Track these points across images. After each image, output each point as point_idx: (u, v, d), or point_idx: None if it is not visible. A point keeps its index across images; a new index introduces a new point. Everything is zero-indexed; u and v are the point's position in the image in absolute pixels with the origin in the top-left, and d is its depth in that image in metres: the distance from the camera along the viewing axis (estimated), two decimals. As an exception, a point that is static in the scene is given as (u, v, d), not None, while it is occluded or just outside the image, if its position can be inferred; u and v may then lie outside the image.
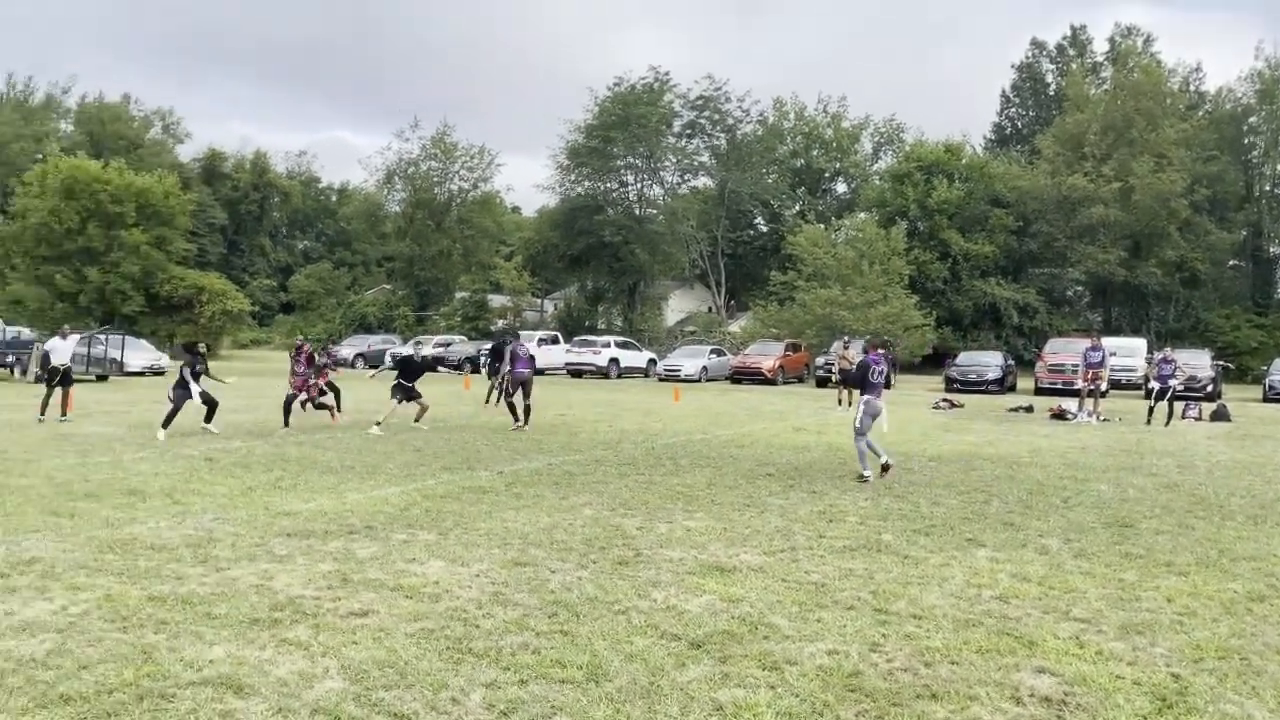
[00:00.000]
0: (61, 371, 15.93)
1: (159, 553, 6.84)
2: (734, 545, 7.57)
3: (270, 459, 11.97)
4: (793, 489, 10.47)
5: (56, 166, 44.49)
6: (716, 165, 54.60)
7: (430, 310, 57.81)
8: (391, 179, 58.85)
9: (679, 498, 9.72)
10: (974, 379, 31.25)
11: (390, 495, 9.55)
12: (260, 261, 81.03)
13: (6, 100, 77.30)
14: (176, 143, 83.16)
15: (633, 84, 50.84)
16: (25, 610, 5.41)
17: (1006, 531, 8.35)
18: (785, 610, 5.81)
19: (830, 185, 63.41)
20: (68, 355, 15.84)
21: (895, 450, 14.19)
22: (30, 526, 7.66)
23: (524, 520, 8.38)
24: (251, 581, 6.14)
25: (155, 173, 49.18)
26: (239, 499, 9.15)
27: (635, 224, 50.72)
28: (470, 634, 5.21)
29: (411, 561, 6.80)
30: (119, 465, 11.18)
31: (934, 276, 46.66)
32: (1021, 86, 63.23)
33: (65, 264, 43.32)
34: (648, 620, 5.53)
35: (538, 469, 11.65)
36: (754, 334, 43.59)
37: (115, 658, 4.69)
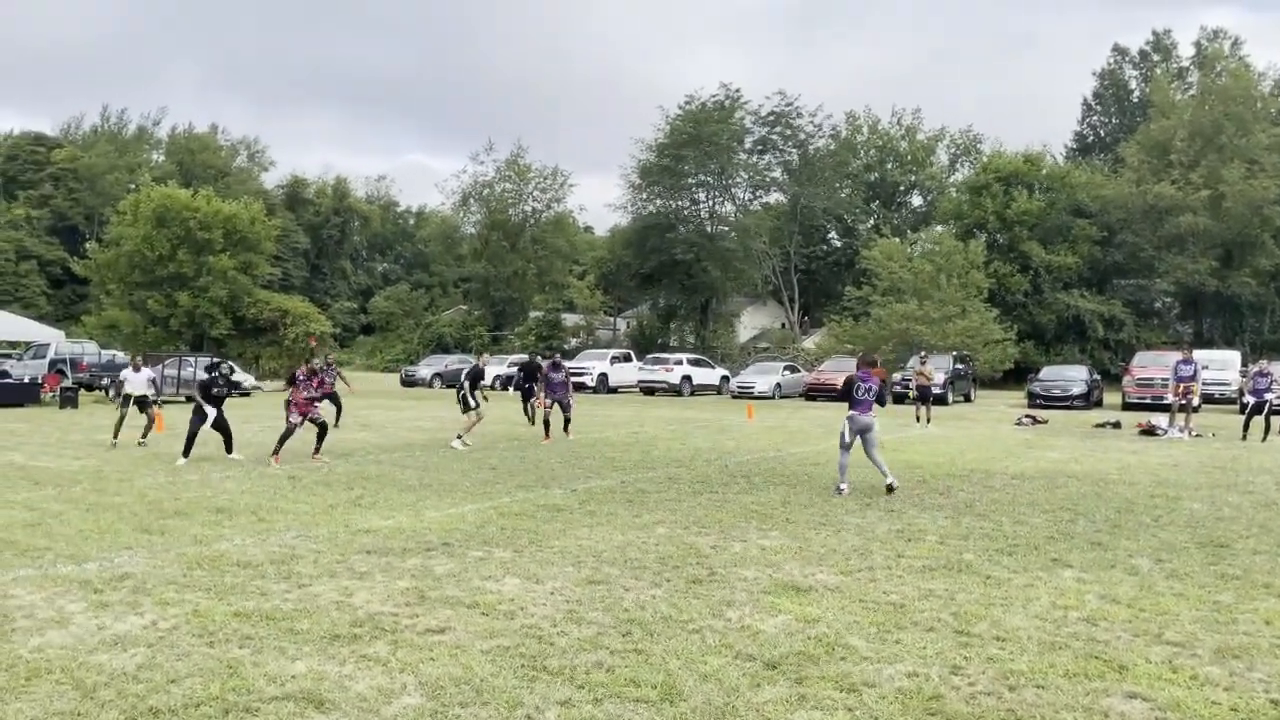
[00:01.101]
0: (136, 399, 16.32)
1: (244, 569, 7.03)
2: (810, 564, 7.47)
3: (351, 477, 12.22)
4: (869, 507, 10.29)
5: (149, 195, 46.31)
6: (788, 181, 54.34)
7: (505, 330, 58.61)
8: (467, 201, 60.01)
9: (753, 516, 9.63)
10: (1058, 394, 30.39)
11: (466, 513, 9.66)
12: (341, 284, 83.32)
13: (101, 132, 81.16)
14: (261, 170, 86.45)
15: (704, 102, 50.99)
16: (117, 625, 5.60)
17: (1094, 551, 8.07)
18: (863, 631, 5.70)
19: (905, 198, 62.64)
20: (141, 385, 16.29)
21: (977, 468, 13.90)
22: (123, 543, 7.95)
23: (598, 538, 8.39)
24: (332, 598, 6.27)
25: (241, 200, 50.92)
26: (320, 516, 9.36)
27: (707, 241, 50.71)
28: (545, 652, 5.23)
29: (487, 579, 6.86)
30: (207, 484, 11.54)
31: (1014, 289, 45.64)
32: (1103, 94, 61.69)
33: (157, 289, 45.01)
34: (722, 640, 5.47)
35: (611, 487, 11.67)
36: (828, 350, 43.12)
37: (202, 672, 4.82)
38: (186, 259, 44.64)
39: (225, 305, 46.16)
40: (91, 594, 6.26)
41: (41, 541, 7.92)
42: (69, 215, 72.28)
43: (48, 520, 8.90)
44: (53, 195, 72.36)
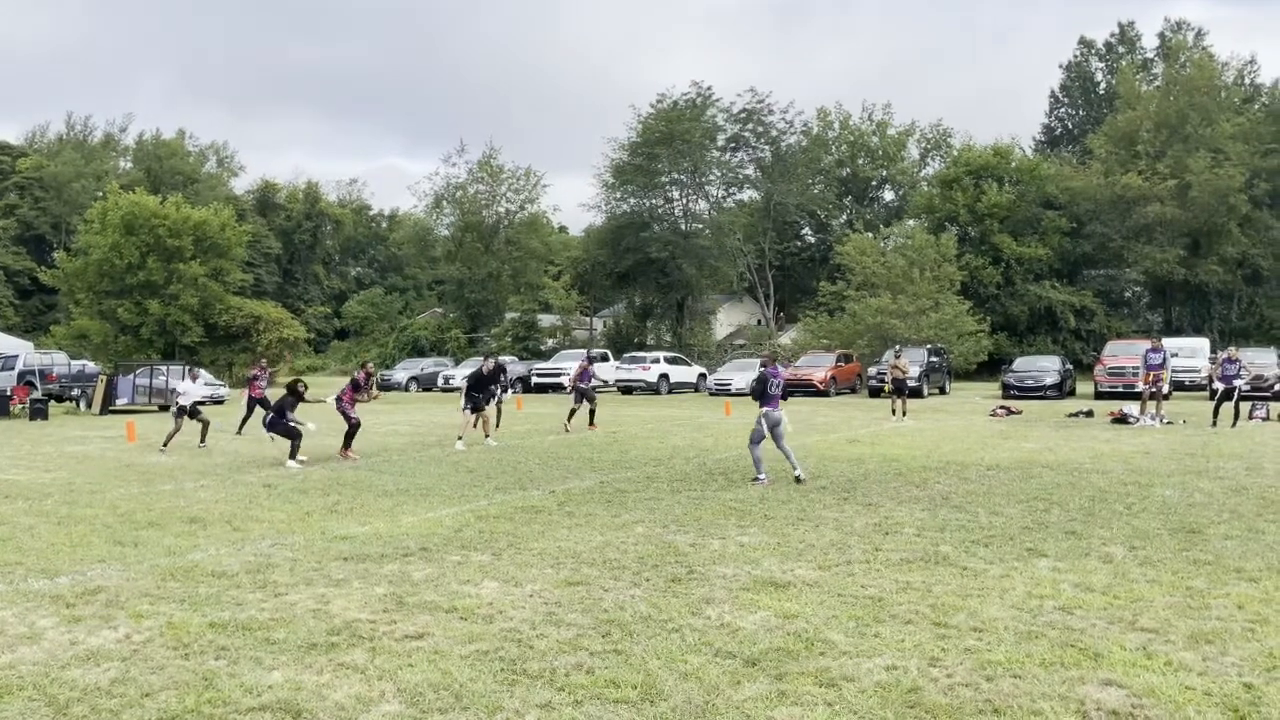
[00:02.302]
0: (189, 408, 16.94)
1: (219, 579, 6.96)
2: (788, 560, 7.49)
3: (327, 483, 12.14)
4: (847, 502, 10.34)
5: (116, 203, 45.81)
6: (761, 177, 54.45)
7: (481, 332, 58.37)
8: (440, 203, 59.63)
9: (732, 513, 9.65)
10: (1031, 385, 30.67)
11: (444, 517, 9.62)
12: (314, 289, 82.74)
13: (67, 140, 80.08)
14: (231, 175, 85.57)
15: (675, 100, 50.98)
16: (90, 639, 5.53)
17: (1069, 540, 8.15)
18: (842, 625, 5.72)
19: (877, 193, 62.96)
20: (197, 393, 17.31)
21: (953, 460, 14.00)
22: (96, 556, 7.85)
23: (576, 539, 8.38)
24: (309, 606, 6.22)
25: (211, 206, 50.44)
26: (296, 524, 9.29)
27: (681, 239, 50.74)
28: (524, 655, 5.21)
29: (466, 583, 6.83)
30: (181, 493, 11.42)
31: (987, 282, 46.00)
32: (1070, 86, 62.27)
33: (127, 298, 44.53)
34: (702, 638, 5.48)
35: (589, 487, 11.65)
36: (804, 345, 43.28)
37: (177, 685, 4.77)
38: (156, 266, 44.20)
39: (197, 313, 45.75)
40: (63, 608, 6.17)
41: (12, 556, 7.81)
42: (36, 224, 71.33)
43: (18, 534, 8.78)
44: (19, 204, 71.35)
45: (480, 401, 17.03)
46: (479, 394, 17.07)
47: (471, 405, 16.95)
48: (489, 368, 17.74)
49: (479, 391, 17.12)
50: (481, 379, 17.39)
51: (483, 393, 17.18)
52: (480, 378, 17.42)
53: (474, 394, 17.05)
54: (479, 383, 17.29)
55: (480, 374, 17.51)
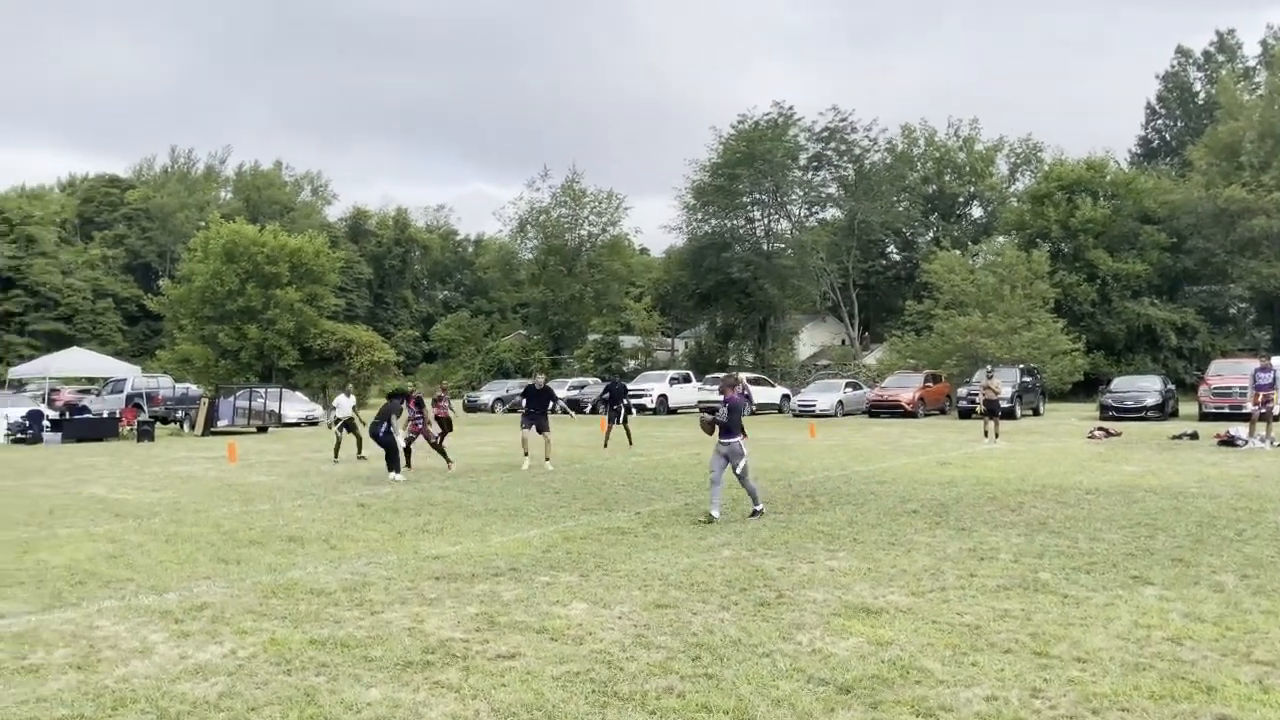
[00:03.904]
0: (345, 421, 18.31)
1: (318, 597, 7.16)
2: (880, 585, 7.35)
3: (418, 503, 12.38)
4: (939, 526, 10.11)
5: (217, 232, 47.77)
6: (845, 196, 53.94)
7: (564, 353, 58.98)
8: (524, 228, 60.60)
9: (820, 536, 9.53)
10: (1131, 405, 29.57)
11: (532, 537, 9.72)
12: (403, 313, 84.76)
13: (171, 173, 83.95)
14: (324, 204, 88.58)
15: (756, 120, 50.94)
16: (198, 654, 5.74)
17: (1176, 568, 7.82)
18: (938, 653, 5.59)
19: (965, 210, 61.73)
20: (349, 409, 18.45)
21: (1049, 484, 13.58)
22: (202, 573, 8.15)
23: (663, 561, 8.37)
24: (404, 624, 6.34)
25: (306, 233, 52.22)
26: (390, 543, 9.50)
27: (763, 259, 50.53)
28: (615, 677, 5.22)
29: (555, 604, 6.88)
30: (279, 513, 11.79)
31: (1082, 299, 44.64)
32: (1168, 97, 60.26)
33: (227, 323, 46.30)
34: (793, 664, 5.41)
35: (674, 509, 11.64)
36: (891, 365, 42.57)
37: (281, 700, 4.91)
38: (255, 293, 45.87)
39: (292, 337, 47.29)
40: (172, 624, 6.42)
41: (124, 573, 8.16)
42: (142, 254, 74.79)
43: (129, 551, 9.17)
44: (127, 235, 74.97)
45: (539, 418, 17.13)
46: (535, 410, 17.20)
47: (536, 426, 17.10)
48: (540, 383, 17.97)
49: (536, 409, 17.24)
50: (535, 395, 17.50)
51: (539, 410, 17.25)
52: (534, 394, 17.54)
53: (530, 411, 17.25)
54: (535, 399, 17.40)
55: (533, 389, 17.66)
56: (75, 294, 66.89)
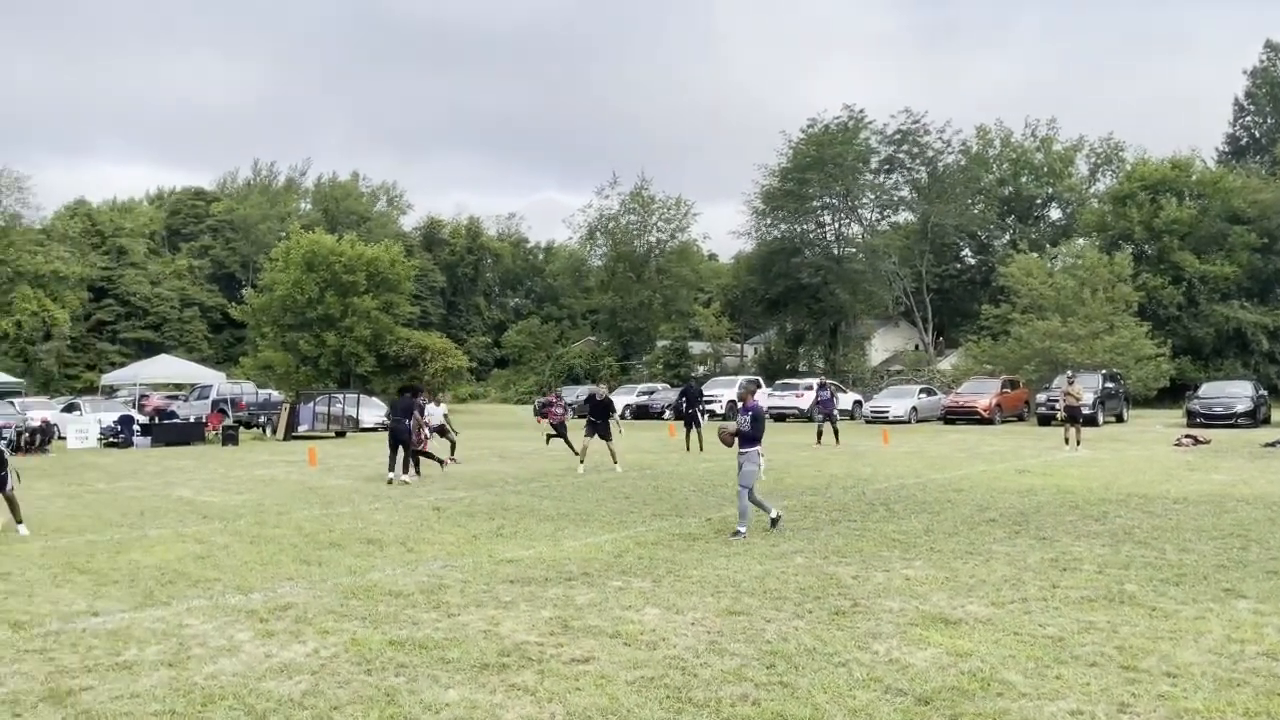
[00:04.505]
0: (435, 429, 18.73)
1: (396, 599, 7.29)
2: (958, 595, 7.21)
3: (492, 508, 12.54)
4: (1019, 535, 9.87)
5: (298, 242, 49.07)
6: (917, 199, 53.11)
7: (633, 359, 59.16)
8: (593, 235, 61.04)
9: (895, 545, 9.38)
10: (1220, 412, 28.51)
11: (604, 542, 9.76)
12: (476, 320, 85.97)
13: (254, 185, 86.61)
14: (400, 213, 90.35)
15: (826, 124, 50.50)
16: (283, 653, 5.89)
17: (1271, 580, 7.51)
18: (1020, 666, 5.46)
19: (1043, 212, 60.25)
20: (439, 417, 19.07)
21: (1134, 493, 13.17)
22: (285, 574, 8.37)
23: (735, 568, 8.33)
24: (480, 627, 6.43)
25: (382, 243, 53.31)
26: (465, 546, 9.63)
27: (834, 264, 50.02)
28: (689, 683, 5.21)
29: (628, 609, 6.90)
30: (358, 515, 12.05)
31: (1167, 302, 43.24)
32: (1257, 93, 58.03)
33: (307, 330, 47.49)
34: (870, 673, 5.34)
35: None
36: (966, 371, 41.73)
37: (362, 699, 5.02)
38: (333, 301, 46.97)
39: (369, 343, 48.28)
40: (258, 623, 6.61)
41: (211, 573, 8.42)
42: (226, 264, 77.20)
43: (215, 552, 9.46)
44: (212, 245, 77.49)
45: (602, 427, 17.51)
46: (599, 420, 17.55)
47: (598, 433, 17.47)
48: (602, 394, 18.27)
49: (598, 417, 17.58)
50: (596, 405, 17.81)
51: (602, 419, 17.61)
52: (595, 403, 17.88)
53: (594, 420, 17.56)
54: (596, 409, 17.72)
55: (594, 399, 18.04)
56: (163, 303, 69.35)
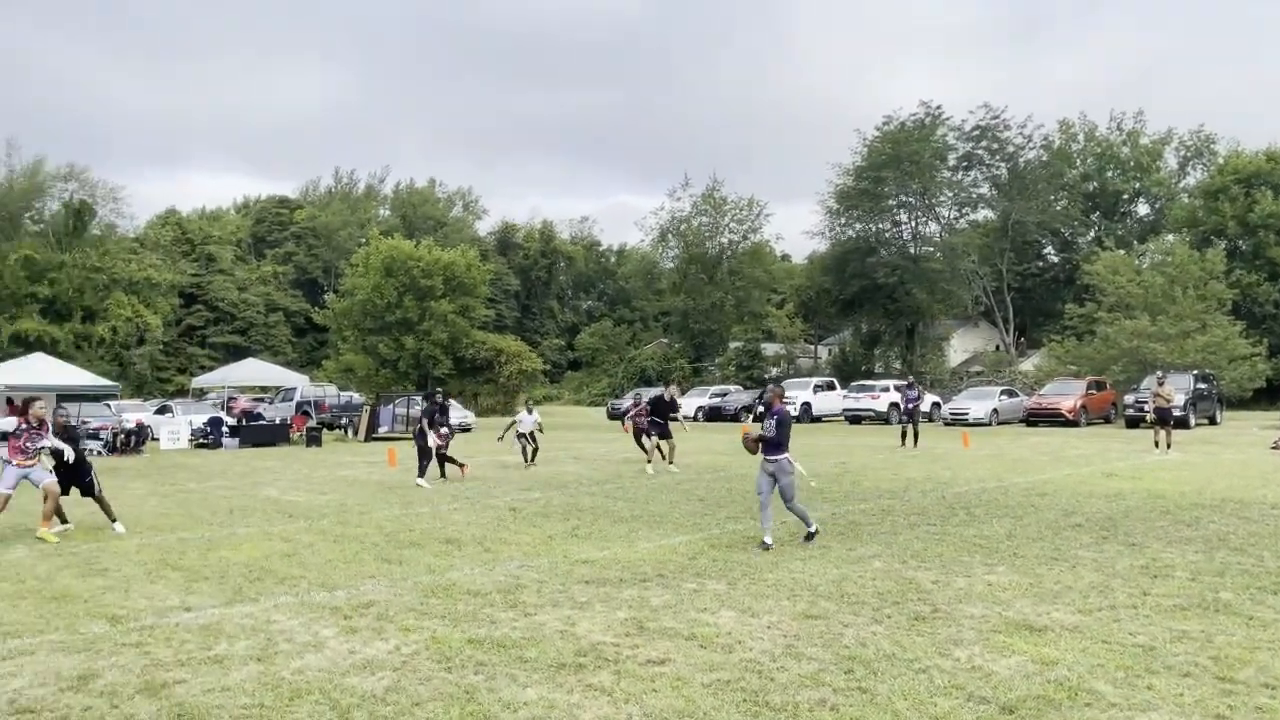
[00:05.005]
0: (528, 434, 19.00)
1: (475, 598, 7.40)
2: (1043, 602, 7.02)
3: (567, 509, 12.64)
4: (1107, 541, 9.57)
5: (377, 248, 50.16)
6: (997, 196, 51.96)
7: (706, 361, 59.02)
8: (665, 237, 61.11)
9: (976, 550, 9.18)
10: (1322, 413, 27.24)
11: (678, 544, 9.75)
12: (549, 323, 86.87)
13: (335, 192, 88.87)
14: (475, 219, 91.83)
15: (902, 121, 49.77)
16: (366, 649, 6.03)
17: (1382, 592, 7.15)
18: (1109, 675, 5.29)
19: (1130, 207, 58.35)
20: (531, 425, 19.13)
21: (1229, 497, 12.67)
22: (367, 572, 8.56)
23: (811, 571, 8.25)
24: (556, 627, 6.48)
25: (458, 247, 54.20)
26: (541, 547, 9.73)
27: (911, 263, 49.22)
28: (766, 687, 5.18)
29: (703, 611, 6.88)
30: (437, 515, 12.25)
31: (1263, 300, 41.56)
32: (1361, 78, 55.30)
33: (386, 334, 48.53)
34: (951, 680, 5.24)
35: (821, 519, 11.43)
36: (1049, 372, 40.66)
37: (443, 696, 5.10)
38: (411, 305, 47.91)
39: (446, 347, 49.13)
40: (341, 619, 6.77)
41: (297, 570, 8.66)
42: (309, 269, 79.35)
43: (301, 550, 9.72)
44: (295, 252, 79.71)
45: (664, 428, 17.73)
46: (662, 420, 17.74)
47: (658, 432, 17.69)
48: (670, 394, 18.41)
49: (661, 418, 17.76)
50: (661, 405, 17.95)
51: (665, 419, 17.79)
52: (660, 403, 18.03)
53: (657, 420, 17.73)
54: (660, 409, 17.86)
55: (660, 399, 18.21)
56: (249, 308, 71.55)
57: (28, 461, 10.66)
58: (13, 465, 10.62)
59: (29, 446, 10.68)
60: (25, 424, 10.75)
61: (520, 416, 19.30)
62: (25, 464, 10.64)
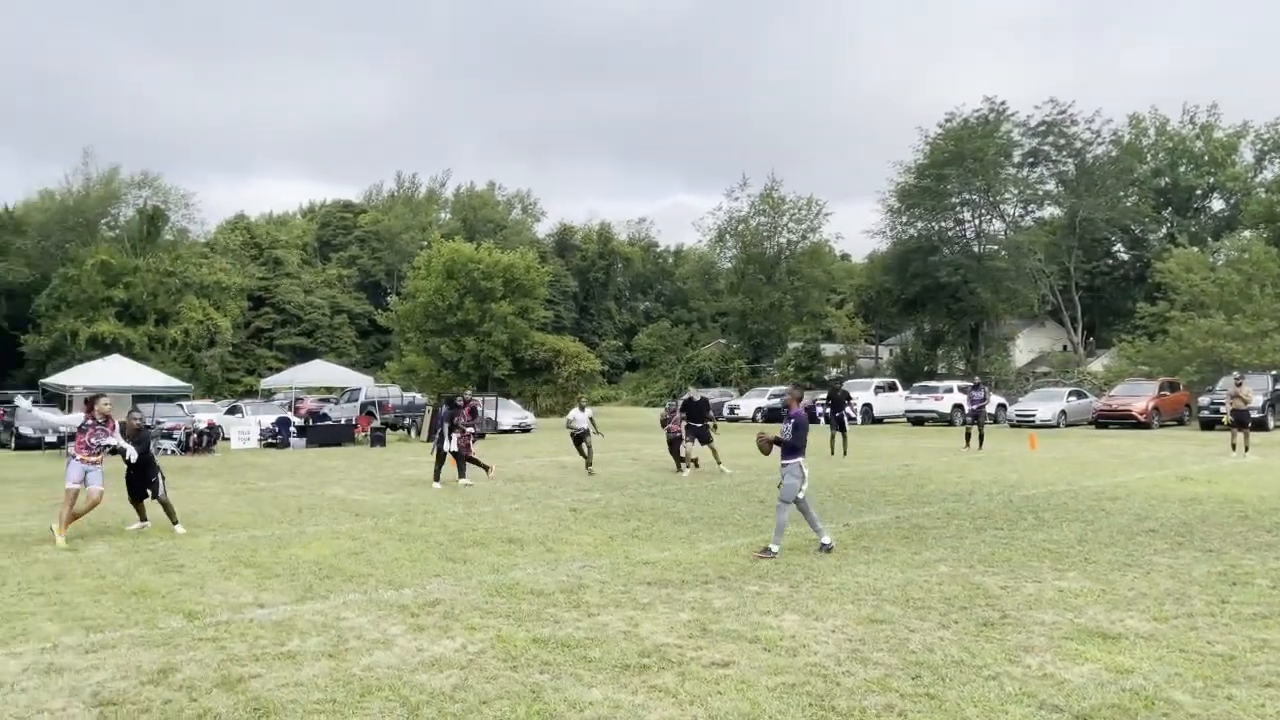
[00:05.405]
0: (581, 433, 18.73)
1: (538, 597, 7.46)
2: (1116, 609, 6.86)
3: (627, 510, 12.67)
4: (1182, 547, 9.31)
5: (439, 251, 50.83)
6: (1065, 193, 50.78)
7: (764, 362, 58.69)
8: (723, 237, 60.89)
9: (1046, 555, 8.99)
10: None
11: (739, 546, 9.72)
12: (607, 323, 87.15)
13: (397, 196, 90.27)
14: (534, 221, 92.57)
15: (965, 118, 48.90)
16: (433, 647, 6.12)
17: None
18: (1186, 684, 5.15)
19: (1203, 203, 56.57)
20: (585, 421, 18.82)
21: (1311, 502, 12.21)
22: (432, 571, 8.68)
23: (876, 575, 8.16)
24: (620, 628, 6.51)
25: (517, 250, 54.67)
26: (602, 547, 9.77)
27: (975, 262, 48.33)
28: (832, 691, 5.14)
29: (766, 614, 6.85)
30: (499, 515, 12.38)
31: (1345, 297, 39.88)
32: None
33: (448, 336, 49.15)
34: (1022, 688, 5.14)
35: (885, 522, 11.32)
36: (1120, 373, 39.63)
37: (509, 695, 5.16)
38: (472, 307, 48.46)
39: (506, 348, 49.60)
40: (409, 617, 6.88)
41: (364, 569, 8.82)
42: (372, 272, 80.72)
43: (368, 549, 9.90)
44: (359, 255, 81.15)
45: (701, 431, 17.51)
46: (699, 424, 17.52)
47: (697, 437, 17.50)
48: (698, 396, 18.26)
49: (697, 421, 17.54)
50: (693, 407, 17.74)
51: (701, 421, 17.59)
52: (692, 406, 17.80)
53: (693, 425, 17.51)
54: (693, 412, 17.64)
55: (691, 401, 17.96)
56: (315, 310, 73.03)
57: (92, 458, 10.67)
58: (77, 460, 10.65)
59: (93, 443, 10.69)
60: (91, 420, 10.77)
61: (573, 415, 19.12)
62: (89, 460, 10.65)
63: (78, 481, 10.53)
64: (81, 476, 10.57)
